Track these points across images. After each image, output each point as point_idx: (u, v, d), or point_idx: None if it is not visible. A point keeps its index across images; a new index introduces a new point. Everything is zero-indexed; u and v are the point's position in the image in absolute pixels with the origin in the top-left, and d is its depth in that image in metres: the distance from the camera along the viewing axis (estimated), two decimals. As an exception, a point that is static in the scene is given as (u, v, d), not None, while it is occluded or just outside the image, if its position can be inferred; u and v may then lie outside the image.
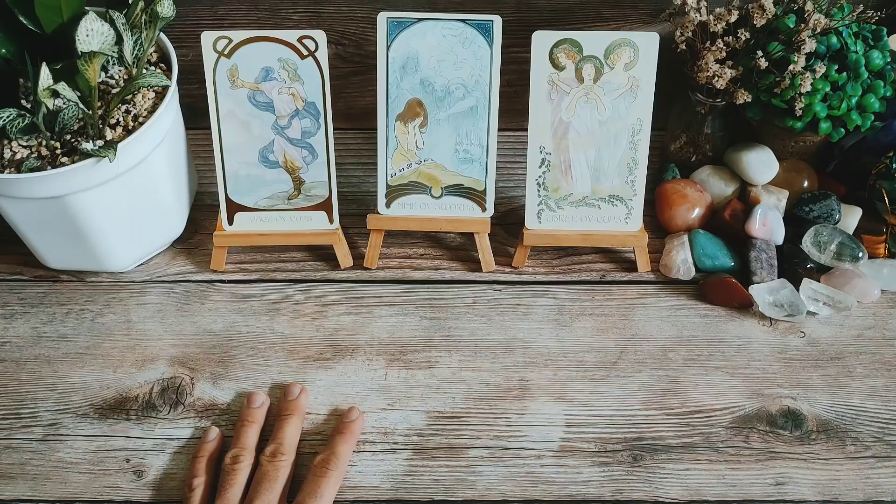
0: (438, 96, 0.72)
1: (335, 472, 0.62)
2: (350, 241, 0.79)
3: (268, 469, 0.61)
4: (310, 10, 0.84)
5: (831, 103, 0.74)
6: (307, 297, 0.76)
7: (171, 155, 0.74)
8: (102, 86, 0.71)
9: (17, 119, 0.64)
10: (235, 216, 0.76)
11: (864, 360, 0.72)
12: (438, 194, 0.76)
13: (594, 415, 0.68)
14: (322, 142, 0.74)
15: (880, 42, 0.76)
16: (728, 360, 0.71)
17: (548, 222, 0.76)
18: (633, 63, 0.71)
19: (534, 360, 0.71)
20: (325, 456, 0.63)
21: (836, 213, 0.78)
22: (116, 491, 0.64)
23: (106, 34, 0.63)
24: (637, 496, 0.63)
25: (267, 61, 0.71)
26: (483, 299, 0.76)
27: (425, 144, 0.74)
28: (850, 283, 0.75)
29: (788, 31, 0.73)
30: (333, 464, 0.62)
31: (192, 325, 0.74)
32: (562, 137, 0.73)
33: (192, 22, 0.83)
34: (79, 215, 0.69)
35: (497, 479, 0.64)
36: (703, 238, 0.78)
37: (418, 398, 0.69)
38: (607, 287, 0.77)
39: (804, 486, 0.64)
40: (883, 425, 0.67)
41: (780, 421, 0.67)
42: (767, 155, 0.81)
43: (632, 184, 0.75)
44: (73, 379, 0.70)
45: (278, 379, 0.70)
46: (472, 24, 0.70)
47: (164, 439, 0.66)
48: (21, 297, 0.76)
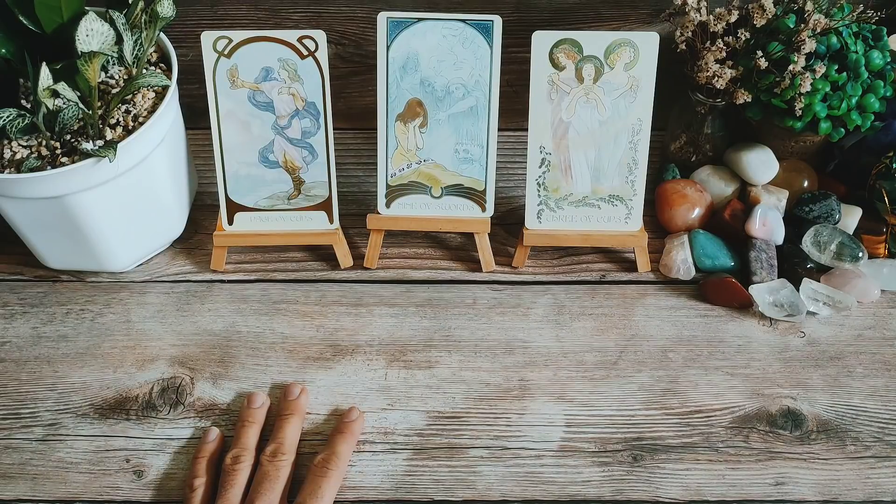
0: (438, 96, 0.72)
1: (335, 471, 0.62)
2: (350, 241, 0.79)
3: (268, 469, 0.61)
4: (310, 10, 0.84)
5: (831, 103, 0.74)
6: (307, 297, 0.76)
7: (171, 155, 0.74)
8: (102, 86, 0.71)
9: (17, 119, 0.64)
10: (235, 216, 0.76)
11: (864, 360, 0.72)
12: (438, 194, 0.76)
13: (594, 415, 0.68)
14: (322, 142, 0.74)
15: (880, 42, 0.76)
16: (728, 360, 0.71)
17: (548, 222, 0.76)
18: (633, 63, 0.71)
19: (534, 360, 0.71)
20: (326, 455, 0.63)
21: (836, 213, 0.78)
22: (116, 491, 0.64)
23: (106, 34, 0.63)
24: (637, 496, 0.63)
25: (267, 61, 0.71)
26: (483, 299, 0.76)
27: (425, 144, 0.74)
28: (850, 283, 0.75)
29: (788, 31, 0.73)
30: (334, 463, 0.62)
31: (192, 325, 0.74)
32: (562, 137, 0.73)
33: (192, 22, 0.83)
34: (79, 215, 0.69)
35: (497, 479, 0.64)
36: (703, 238, 0.78)
37: (418, 398, 0.69)
38: (607, 287, 0.77)
39: (804, 486, 0.64)
40: (883, 425, 0.67)
41: (780, 421, 0.67)
42: (767, 155, 0.81)
43: (632, 184, 0.75)
44: (73, 379, 0.70)
45: (278, 379, 0.70)
46: (472, 24, 0.70)
47: (164, 439, 0.66)
48: (21, 297, 0.76)
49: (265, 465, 0.62)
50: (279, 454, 0.62)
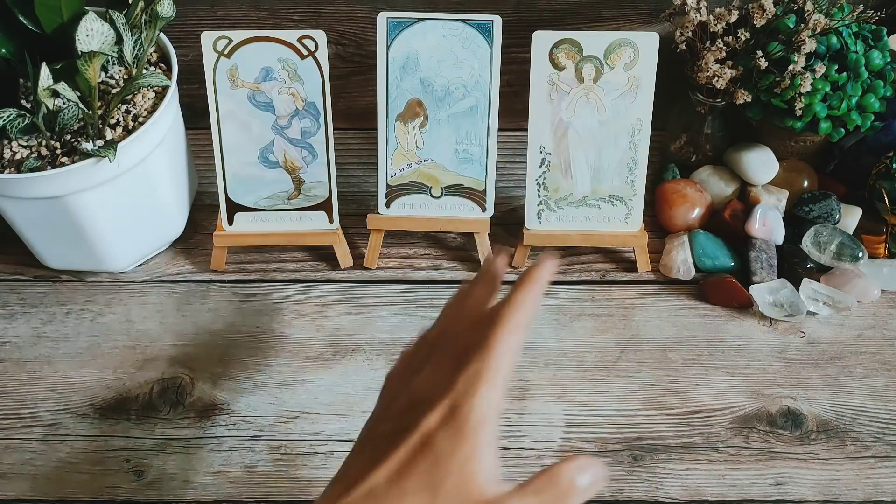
0: (438, 96, 0.72)
1: (506, 320, 0.43)
2: (350, 241, 0.79)
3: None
4: (310, 10, 0.84)
5: (831, 103, 0.74)
6: (307, 297, 0.76)
7: (171, 155, 0.74)
8: (102, 86, 0.71)
9: (17, 119, 0.64)
10: (235, 216, 0.76)
11: (864, 360, 0.72)
12: (438, 194, 0.76)
13: (594, 415, 0.68)
14: (322, 142, 0.74)
15: (880, 42, 0.76)
16: (728, 360, 0.71)
17: (548, 222, 0.76)
18: (633, 63, 0.71)
19: (534, 360, 0.71)
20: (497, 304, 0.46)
21: (836, 213, 0.78)
22: (116, 491, 0.64)
23: (106, 34, 0.63)
24: (637, 496, 0.63)
25: (267, 61, 0.71)
26: (483, 299, 0.76)
27: (425, 144, 0.74)
28: (850, 283, 0.75)
29: (788, 31, 0.73)
30: (505, 310, 0.44)
31: (192, 325, 0.74)
32: (562, 137, 0.73)
33: (192, 22, 0.83)
34: (79, 215, 0.69)
35: (497, 479, 0.64)
36: (703, 238, 0.78)
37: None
38: (607, 287, 0.77)
39: (804, 486, 0.64)
40: (883, 425, 0.67)
41: (780, 421, 0.67)
42: (767, 155, 0.81)
43: (632, 184, 0.75)
44: (73, 379, 0.70)
45: (278, 379, 0.70)
46: (472, 24, 0.70)
47: (164, 439, 0.66)
48: (21, 297, 0.76)
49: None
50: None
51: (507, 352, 0.43)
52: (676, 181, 0.82)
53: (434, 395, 0.42)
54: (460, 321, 0.48)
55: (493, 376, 0.41)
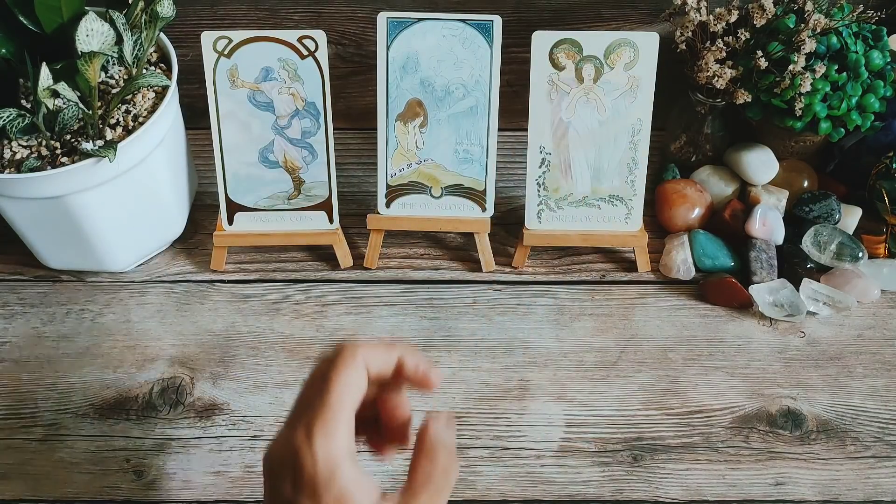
0: (438, 96, 0.72)
1: (341, 362, 0.44)
2: (350, 241, 0.79)
3: None
4: (310, 10, 0.84)
5: (831, 103, 0.74)
6: (307, 297, 0.76)
7: (171, 155, 0.74)
8: (102, 86, 0.71)
9: (17, 119, 0.64)
10: (235, 216, 0.76)
11: (864, 360, 0.72)
12: (438, 194, 0.76)
13: (594, 415, 0.68)
14: (322, 142, 0.74)
15: (880, 42, 0.76)
16: (728, 360, 0.71)
17: (548, 222, 0.76)
18: (633, 63, 0.71)
19: (534, 360, 0.71)
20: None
21: (836, 213, 0.78)
22: (116, 491, 0.64)
23: (106, 34, 0.63)
24: (637, 496, 0.63)
25: (267, 61, 0.71)
26: (483, 299, 0.76)
27: (425, 144, 0.74)
28: (850, 283, 0.75)
29: (788, 31, 0.73)
30: (341, 352, 0.45)
31: (192, 325, 0.74)
32: (562, 137, 0.73)
33: (192, 22, 0.83)
34: (79, 215, 0.69)
35: (497, 479, 0.64)
36: (703, 238, 0.78)
37: (418, 398, 0.69)
38: (607, 287, 0.77)
39: (804, 486, 0.64)
40: (883, 425, 0.67)
41: (780, 421, 0.67)
42: (767, 155, 0.81)
43: (632, 184, 0.75)
44: (73, 379, 0.70)
45: (278, 379, 0.70)
46: (472, 24, 0.70)
47: (164, 439, 0.66)
48: (21, 297, 0.76)
49: None
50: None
51: (344, 389, 0.42)
52: (676, 181, 0.82)
53: (284, 458, 0.41)
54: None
55: (329, 418, 0.41)
